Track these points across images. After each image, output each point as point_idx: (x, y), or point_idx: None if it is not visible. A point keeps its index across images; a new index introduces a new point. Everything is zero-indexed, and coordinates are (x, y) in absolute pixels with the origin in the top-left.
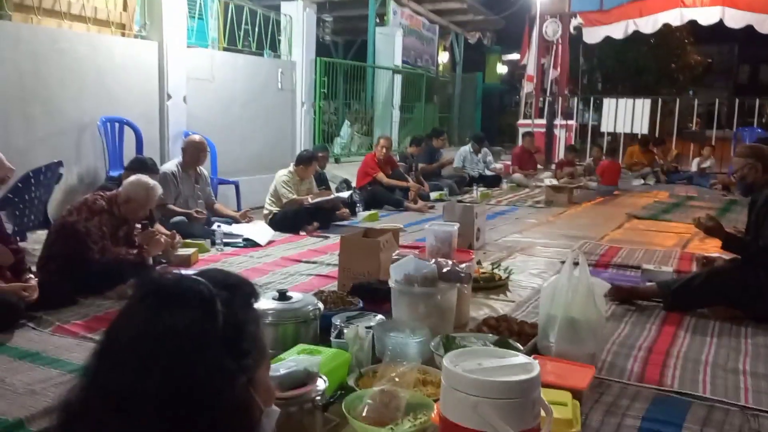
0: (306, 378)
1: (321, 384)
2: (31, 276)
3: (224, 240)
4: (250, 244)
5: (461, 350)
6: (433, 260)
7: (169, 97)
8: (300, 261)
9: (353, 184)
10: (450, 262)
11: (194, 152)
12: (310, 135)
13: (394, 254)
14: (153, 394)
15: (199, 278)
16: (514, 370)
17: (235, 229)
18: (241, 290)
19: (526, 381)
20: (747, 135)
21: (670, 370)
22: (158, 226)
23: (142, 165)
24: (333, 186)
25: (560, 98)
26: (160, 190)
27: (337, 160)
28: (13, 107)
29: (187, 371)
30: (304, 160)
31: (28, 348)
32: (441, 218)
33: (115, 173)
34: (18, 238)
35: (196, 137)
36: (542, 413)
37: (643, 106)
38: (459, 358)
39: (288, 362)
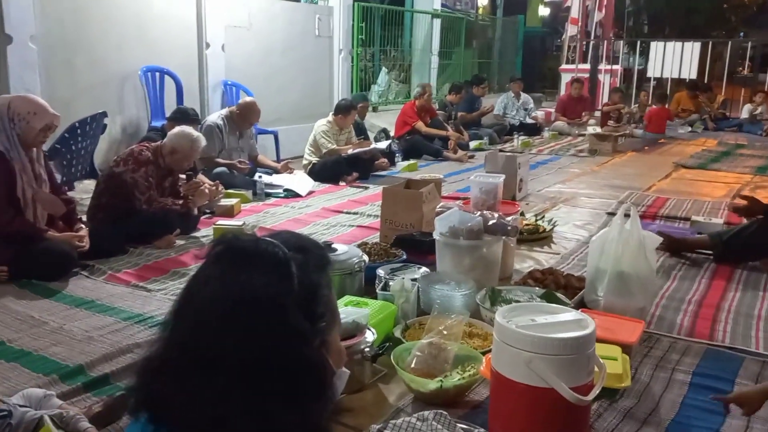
0: (355, 329)
1: (369, 336)
2: (82, 226)
3: (265, 190)
4: (290, 194)
5: (513, 305)
6: (479, 212)
7: (208, 45)
8: (341, 212)
9: (392, 134)
10: (496, 215)
11: (249, 115)
12: (347, 83)
13: (437, 206)
14: (231, 353)
15: (274, 241)
16: (567, 326)
17: (275, 179)
18: (313, 254)
19: (581, 337)
20: None
21: (721, 324)
22: (201, 177)
23: (184, 115)
24: (371, 135)
25: (605, 42)
26: (203, 141)
27: (374, 109)
28: (56, 58)
29: (264, 331)
30: (342, 110)
31: (84, 296)
32: (481, 168)
33: (157, 123)
34: (66, 188)
35: (250, 100)
36: (595, 369)
37: (692, 49)
38: (511, 313)
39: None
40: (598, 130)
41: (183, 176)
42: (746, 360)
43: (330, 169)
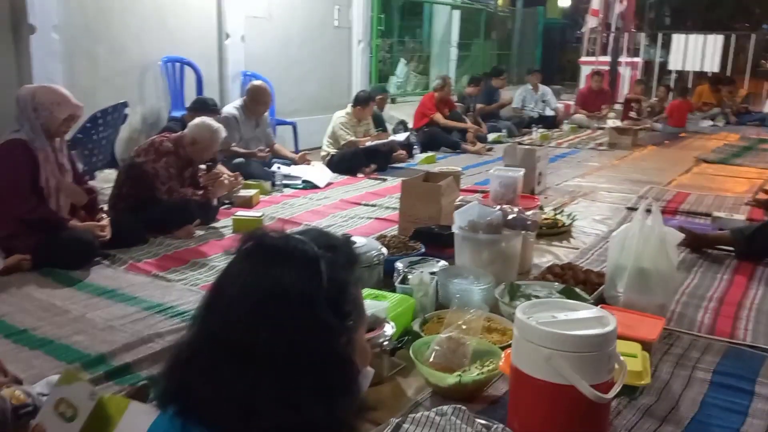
0: (374, 323)
1: (389, 329)
2: (104, 215)
3: (284, 181)
4: (308, 185)
5: (533, 301)
6: (498, 207)
7: (228, 36)
8: (359, 204)
9: (410, 126)
10: (515, 209)
11: (259, 98)
12: (366, 74)
13: (457, 200)
14: (261, 345)
15: (303, 238)
16: (588, 323)
17: (294, 170)
18: (342, 252)
19: (602, 335)
20: None
21: (742, 322)
22: (221, 167)
23: (204, 106)
24: (390, 127)
25: (626, 34)
26: (224, 132)
27: (393, 101)
28: (78, 47)
29: (293, 325)
30: (361, 101)
31: (105, 285)
32: (499, 161)
33: (176, 113)
34: (88, 178)
35: (258, 83)
36: (615, 366)
37: (714, 42)
38: (532, 309)
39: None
40: (618, 123)
41: (203, 167)
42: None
43: (348, 161)
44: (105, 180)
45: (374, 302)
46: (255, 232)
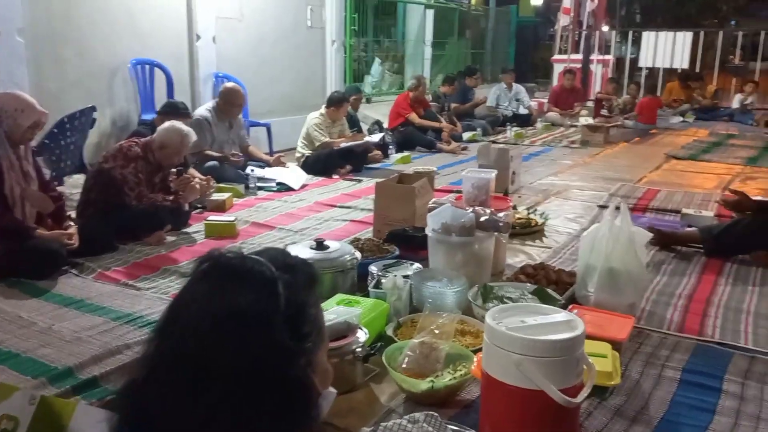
0: (346, 330)
1: (361, 335)
2: (71, 223)
3: (258, 184)
4: (283, 188)
5: (503, 306)
6: (471, 209)
7: (198, 37)
8: (334, 206)
9: (385, 126)
10: (488, 211)
11: (232, 100)
12: (340, 74)
13: (430, 202)
14: (216, 369)
15: (261, 259)
16: (557, 327)
17: (268, 172)
18: (301, 272)
19: (571, 339)
20: None
21: (710, 319)
22: (192, 171)
23: (174, 109)
24: (365, 127)
25: (597, 32)
26: (194, 136)
27: (368, 100)
28: (44, 51)
29: (250, 348)
30: (335, 102)
31: (73, 295)
32: (474, 160)
33: (147, 116)
34: (56, 183)
35: (230, 85)
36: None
37: (684, 39)
38: (501, 314)
39: (329, 314)
40: (591, 121)
41: (174, 170)
42: (735, 356)
43: (323, 162)
44: (74, 185)
45: (347, 308)
46: (211, 253)
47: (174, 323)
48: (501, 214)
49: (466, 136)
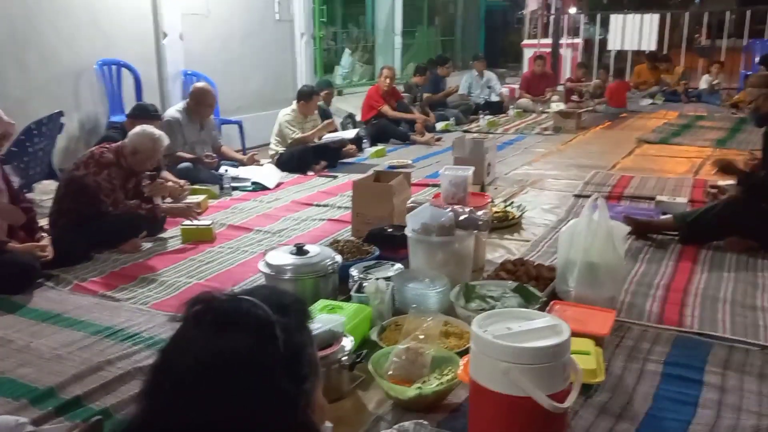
0: (331, 338)
1: (347, 343)
2: (44, 234)
3: (232, 184)
4: (258, 187)
5: (489, 313)
6: (450, 207)
7: (165, 35)
8: (311, 204)
9: (358, 118)
10: (467, 209)
11: (202, 100)
12: (311, 67)
13: (409, 200)
14: (217, 422)
15: (256, 301)
16: (543, 333)
17: (242, 172)
18: (294, 310)
19: (557, 345)
20: (759, 47)
21: (689, 309)
22: (165, 174)
23: (144, 112)
24: (338, 121)
25: (566, 15)
26: (166, 140)
27: (339, 93)
28: (6, 55)
29: (252, 398)
30: (304, 96)
31: (50, 309)
32: (449, 151)
33: (115, 118)
34: (25, 191)
35: (201, 85)
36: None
37: (651, 21)
38: (486, 321)
39: (313, 324)
40: (562, 106)
41: (147, 174)
42: (715, 346)
43: (297, 159)
44: (43, 192)
45: (330, 316)
46: (202, 296)
47: (169, 373)
48: (480, 212)
49: (439, 126)
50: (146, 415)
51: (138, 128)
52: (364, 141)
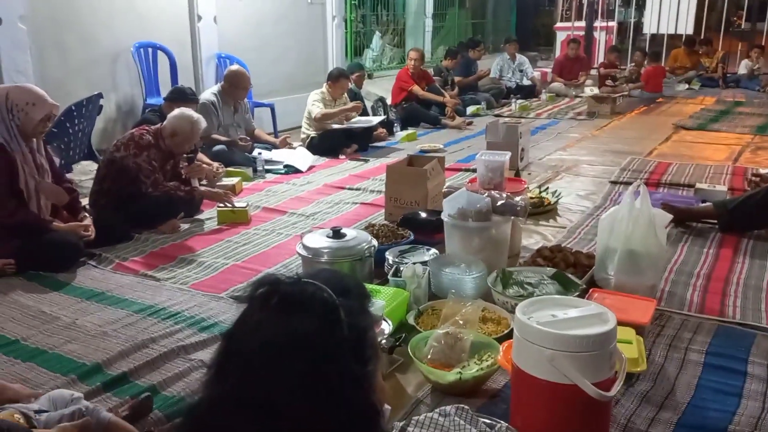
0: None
1: (386, 327)
2: (86, 214)
3: (265, 167)
4: (291, 170)
5: (532, 300)
6: (486, 193)
7: (200, 18)
8: (343, 188)
9: (388, 101)
10: (504, 195)
11: (237, 83)
12: (341, 50)
13: (445, 186)
14: (284, 403)
15: (320, 285)
16: (589, 321)
17: (275, 155)
18: (356, 294)
19: (604, 334)
20: None
21: (730, 299)
22: (201, 156)
23: (182, 96)
24: (368, 104)
25: None
26: (204, 122)
27: (369, 76)
28: (47, 38)
29: (319, 380)
30: (332, 77)
31: (93, 287)
32: (480, 135)
33: (151, 100)
34: (65, 171)
35: (235, 68)
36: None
37: (688, 3)
38: (531, 308)
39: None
40: (596, 91)
41: (185, 156)
42: (758, 336)
43: (329, 142)
44: (82, 172)
45: None
46: (266, 278)
47: (237, 353)
48: (517, 198)
49: (470, 110)
50: (214, 397)
51: (176, 111)
52: (395, 124)
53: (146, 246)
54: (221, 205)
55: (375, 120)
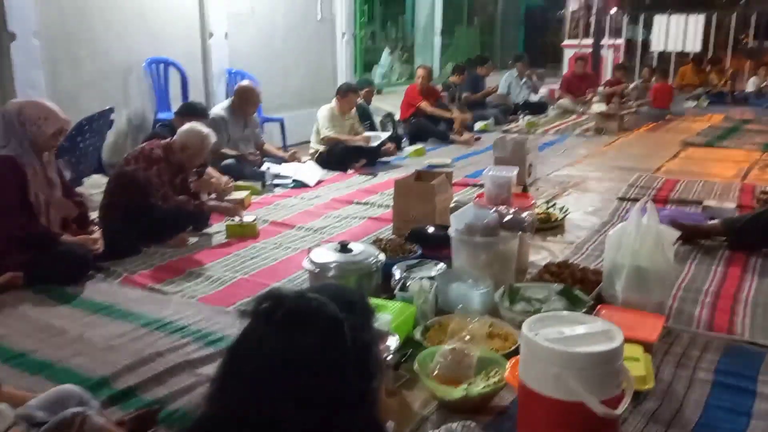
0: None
1: (393, 342)
2: (95, 228)
3: (274, 181)
4: (299, 184)
5: (539, 316)
6: (494, 209)
7: (211, 34)
8: (351, 202)
9: (397, 117)
10: (511, 210)
11: (248, 99)
12: (351, 66)
13: (452, 201)
14: (290, 417)
15: (324, 299)
16: (596, 338)
17: (284, 169)
18: (360, 309)
19: (611, 351)
20: None
21: (739, 317)
22: (210, 170)
23: (193, 110)
24: (377, 120)
25: (608, 15)
26: (214, 137)
27: (378, 92)
28: (59, 53)
29: (324, 397)
30: (340, 92)
31: (101, 301)
32: (488, 151)
33: (162, 115)
34: (75, 185)
35: (246, 83)
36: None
37: (696, 21)
38: (538, 325)
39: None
40: (603, 107)
41: (194, 170)
42: (767, 355)
43: (337, 157)
44: (93, 185)
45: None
46: (270, 293)
47: (238, 373)
48: (524, 214)
49: (478, 125)
50: (217, 411)
51: (187, 125)
52: (404, 140)
53: (154, 259)
54: (230, 219)
55: (384, 135)
